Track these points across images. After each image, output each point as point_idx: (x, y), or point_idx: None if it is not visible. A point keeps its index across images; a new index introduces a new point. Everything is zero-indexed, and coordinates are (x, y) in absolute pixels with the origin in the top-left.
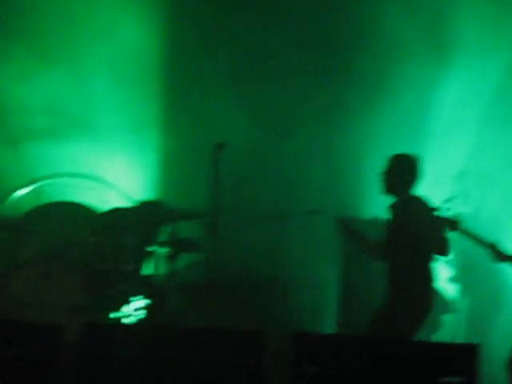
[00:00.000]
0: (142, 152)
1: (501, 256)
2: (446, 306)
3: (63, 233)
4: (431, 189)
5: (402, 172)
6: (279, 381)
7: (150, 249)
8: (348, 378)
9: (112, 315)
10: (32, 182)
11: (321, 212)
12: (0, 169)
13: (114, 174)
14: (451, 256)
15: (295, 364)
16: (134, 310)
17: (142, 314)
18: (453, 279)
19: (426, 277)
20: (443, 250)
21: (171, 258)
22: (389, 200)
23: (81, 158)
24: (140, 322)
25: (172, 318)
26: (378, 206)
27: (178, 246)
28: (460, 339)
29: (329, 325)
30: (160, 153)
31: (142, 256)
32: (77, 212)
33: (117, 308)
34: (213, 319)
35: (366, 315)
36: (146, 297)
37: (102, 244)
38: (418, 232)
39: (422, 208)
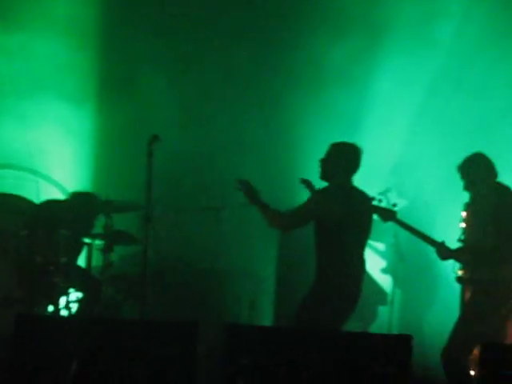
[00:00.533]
0: (77, 143)
1: (446, 253)
2: (382, 296)
3: None
4: (367, 181)
5: (337, 159)
6: (213, 372)
7: (84, 241)
8: (282, 369)
9: (46, 307)
10: None
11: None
12: None
13: (48, 165)
14: (384, 247)
15: (229, 356)
16: (68, 302)
17: (77, 306)
18: (385, 270)
19: (347, 265)
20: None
21: (106, 250)
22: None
23: (14, 147)
24: (75, 314)
25: (107, 310)
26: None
27: (113, 237)
28: (395, 331)
29: (266, 316)
30: (95, 144)
31: (76, 248)
32: (10, 203)
33: (51, 300)
34: (149, 311)
35: None
36: (81, 289)
37: (35, 236)
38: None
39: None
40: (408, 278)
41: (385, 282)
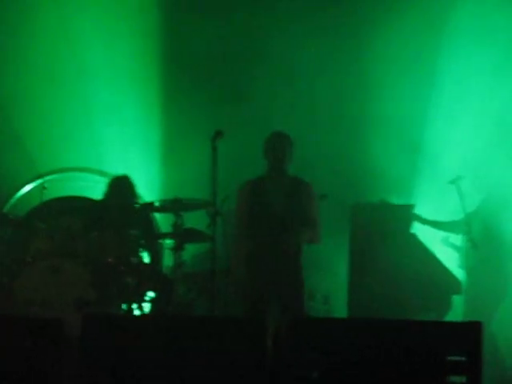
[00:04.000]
0: (144, 144)
1: None
2: (456, 285)
3: (68, 228)
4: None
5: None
6: (281, 366)
7: (155, 240)
8: (350, 362)
9: (120, 308)
10: (37, 178)
11: (328, 197)
12: (5, 165)
13: (116, 167)
14: (456, 237)
15: (295, 349)
16: (142, 301)
17: (150, 305)
18: (458, 259)
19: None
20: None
21: (177, 248)
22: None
23: (82, 149)
24: (148, 313)
25: (180, 308)
26: (383, 189)
27: (183, 236)
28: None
29: (340, 311)
30: (162, 144)
31: (147, 248)
32: (79, 206)
33: (125, 301)
34: (221, 308)
35: (376, 299)
36: (154, 288)
37: (106, 237)
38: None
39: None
40: (481, 267)
41: (458, 271)
